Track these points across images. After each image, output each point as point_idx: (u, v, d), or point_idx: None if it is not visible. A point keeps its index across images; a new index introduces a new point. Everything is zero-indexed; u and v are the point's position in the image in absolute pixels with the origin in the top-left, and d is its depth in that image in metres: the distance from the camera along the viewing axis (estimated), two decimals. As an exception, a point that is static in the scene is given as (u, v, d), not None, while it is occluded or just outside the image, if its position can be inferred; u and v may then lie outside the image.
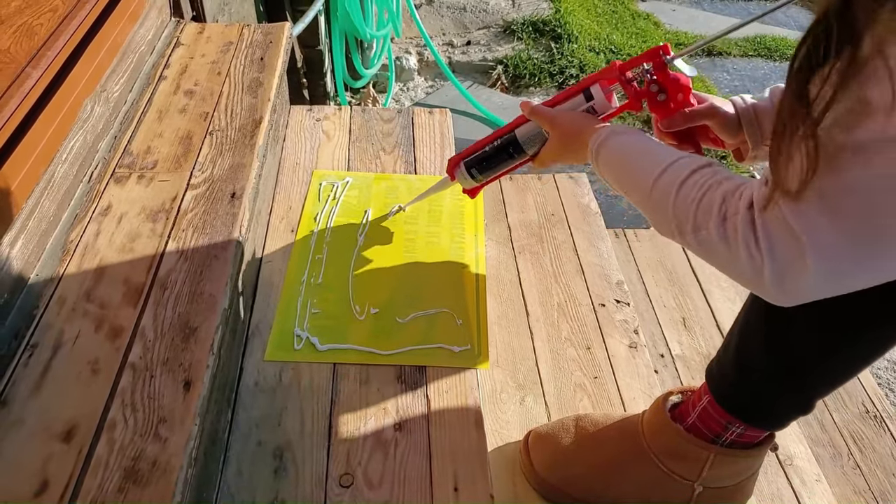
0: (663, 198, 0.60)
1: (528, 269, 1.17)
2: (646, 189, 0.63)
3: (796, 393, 0.71)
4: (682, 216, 0.58)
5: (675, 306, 1.30)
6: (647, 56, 0.75)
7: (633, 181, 0.66)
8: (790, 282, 0.50)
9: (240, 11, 1.52)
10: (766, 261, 0.50)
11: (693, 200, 0.57)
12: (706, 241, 0.56)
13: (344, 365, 0.87)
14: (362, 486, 0.75)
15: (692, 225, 0.57)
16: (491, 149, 0.90)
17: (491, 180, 0.95)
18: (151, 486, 0.58)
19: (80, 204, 0.83)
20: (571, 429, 0.89)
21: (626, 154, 0.68)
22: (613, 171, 0.70)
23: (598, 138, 0.72)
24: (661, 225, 0.62)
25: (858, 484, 1.07)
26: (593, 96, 0.79)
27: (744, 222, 0.52)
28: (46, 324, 0.70)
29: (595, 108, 0.79)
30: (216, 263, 0.77)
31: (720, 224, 0.54)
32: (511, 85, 2.49)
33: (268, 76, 1.05)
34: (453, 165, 0.95)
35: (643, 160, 0.66)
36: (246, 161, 0.90)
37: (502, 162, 0.90)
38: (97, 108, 0.89)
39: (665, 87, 0.75)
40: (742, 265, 0.52)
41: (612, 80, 0.78)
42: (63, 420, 0.62)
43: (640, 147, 0.68)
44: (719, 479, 0.79)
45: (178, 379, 0.66)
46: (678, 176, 0.60)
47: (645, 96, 0.76)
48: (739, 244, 0.52)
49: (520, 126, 0.86)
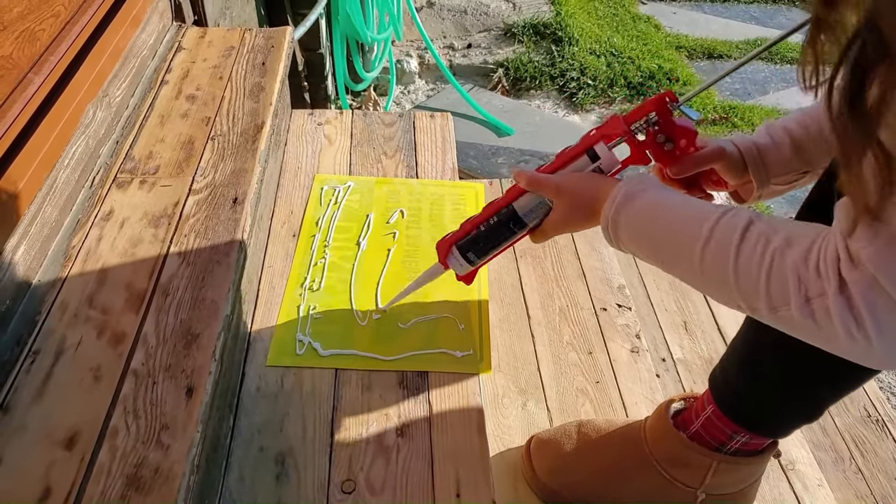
0: (720, 274, 0.53)
1: (529, 274, 1.17)
2: (693, 263, 0.55)
3: (803, 401, 0.71)
4: (751, 295, 0.51)
5: (676, 310, 1.30)
6: (651, 105, 0.69)
7: (671, 254, 0.58)
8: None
9: (241, 15, 1.52)
10: (873, 339, 0.45)
11: (760, 277, 0.50)
12: (789, 320, 0.49)
13: (346, 370, 0.87)
14: (364, 491, 0.75)
15: (767, 304, 0.50)
16: (487, 227, 0.78)
17: (488, 260, 0.82)
18: (154, 493, 0.58)
19: (82, 209, 0.83)
20: (574, 434, 0.89)
21: (653, 219, 0.60)
22: (642, 244, 0.61)
23: (613, 202, 0.63)
24: (725, 301, 0.55)
25: (860, 488, 1.07)
26: (599, 156, 0.71)
27: (838, 304, 0.46)
28: (48, 330, 0.70)
29: (602, 169, 0.72)
30: (218, 269, 0.77)
31: (804, 305, 0.48)
32: (512, 88, 2.49)
33: (269, 81, 1.06)
34: (445, 250, 0.81)
35: (677, 226, 0.57)
36: (248, 166, 0.90)
37: (502, 240, 0.78)
38: (99, 113, 0.89)
39: (672, 135, 0.70)
40: (842, 343, 0.47)
41: (615, 135, 0.71)
42: (65, 427, 0.62)
43: (667, 208, 0.59)
44: (722, 486, 0.79)
45: (180, 385, 0.66)
46: (729, 244, 0.52)
47: (650, 147, 0.71)
48: (837, 326, 0.46)
49: (518, 198, 0.75)
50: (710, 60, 2.72)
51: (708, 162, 0.72)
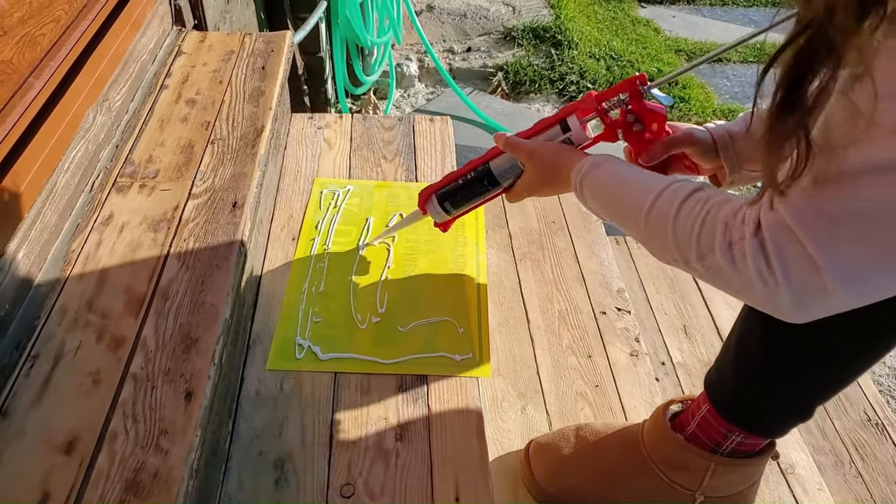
0: (661, 227, 0.59)
1: (528, 277, 1.17)
2: (639, 220, 0.61)
3: (795, 399, 0.71)
4: (685, 245, 0.56)
5: (675, 314, 1.30)
6: (623, 86, 0.74)
7: (624, 212, 0.64)
8: (807, 300, 0.49)
9: (241, 19, 1.52)
10: (780, 283, 0.49)
11: (693, 228, 0.55)
12: (714, 267, 0.54)
13: (345, 374, 0.87)
14: (363, 496, 0.75)
15: (696, 253, 0.55)
16: (464, 181, 0.87)
17: (463, 213, 0.92)
18: (153, 497, 0.58)
19: (81, 213, 0.83)
20: (572, 438, 0.89)
21: (613, 184, 0.67)
22: (601, 203, 0.68)
23: (580, 170, 0.70)
24: (662, 254, 0.60)
25: (860, 492, 1.07)
26: (570, 127, 0.78)
27: (752, 246, 0.50)
28: (48, 334, 0.70)
29: (572, 140, 0.78)
30: (218, 273, 0.77)
31: (726, 250, 0.52)
32: (511, 91, 2.49)
33: (269, 85, 1.06)
34: (425, 198, 0.91)
35: (632, 189, 0.64)
36: (247, 170, 0.90)
37: (476, 195, 0.87)
38: (99, 117, 0.90)
39: (641, 117, 0.75)
40: (756, 289, 0.51)
41: (588, 111, 0.77)
42: (64, 431, 0.62)
43: (627, 175, 0.66)
44: (720, 488, 0.79)
45: (179, 390, 0.66)
46: (672, 202, 0.58)
47: (620, 126, 0.76)
48: (750, 269, 0.50)
49: (494, 158, 0.84)
50: (710, 64, 2.73)
51: (677, 146, 0.76)
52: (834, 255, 0.46)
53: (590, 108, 0.76)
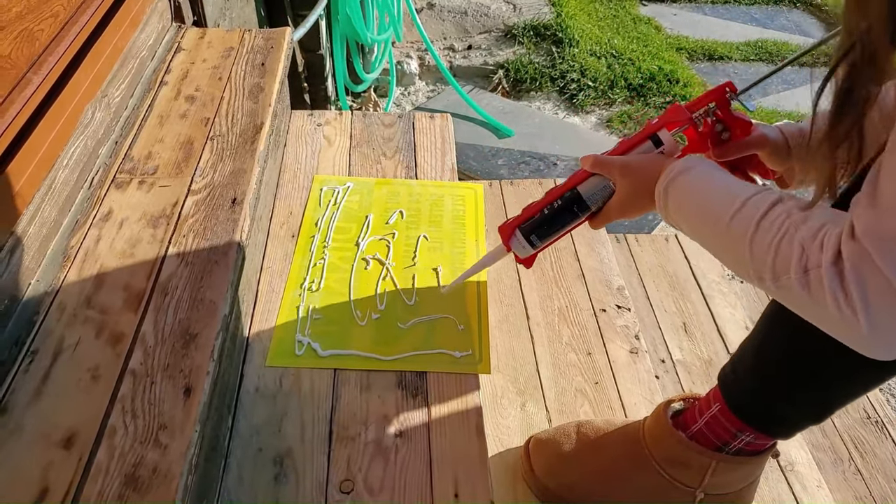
0: (740, 240, 0.56)
1: (528, 274, 1.17)
2: (721, 230, 0.59)
3: (814, 403, 0.71)
4: (760, 262, 0.54)
5: (675, 311, 1.30)
6: (712, 95, 0.73)
7: (705, 221, 0.61)
8: (890, 333, 0.47)
9: (241, 16, 1.52)
10: (860, 314, 0.47)
11: (771, 245, 0.53)
12: (789, 289, 0.52)
13: (344, 371, 0.87)
14: (363, 492, 0.75)
15: (771, 273, 0.53)
16: (551, 210, 0.80)
17: (550, 244, 0.85)
18: (152, 492, 0.58)
19: (80, 209, 0.83)
20: (573, 435, 0.88)
21: (697, 191, 0.63)
22: (684, 212, 0.64)
23: (668, 175, 0.66)
24: (739, 269, 0.58)
25: (859, 489, 1.07)
26: (662, 142, 0.74)
27: (829, 275, 0.48)
28: (47, 330, 0.70)
29: (664, 153, 0.75)
30: (217, 269, 0.77)
31: (802, 275, 0.50)
32: (512, 89, 2.49)
33: (269, 81, 1.06)
34: (509, 234, 0.84)
35: (716, 196, 0.61)
36: (247, 166, 0.90)
37: (565, 223, 0.81)
38: (98, 113, 0.89)
39: (729, 125, 0.74)
40: (832, 319, 0.49)
41: (678, 123, 0.74)
42: (63, 427, 0.62)
43: (712, 182, 0.63)
44: (721, 486, 0.79)
45: (178, 385, 0.66)
46: (754, 215, 0.55)
47: (709, 136, 0.74)
48: (827, 297, 0.48)
49: (581, 182, 0.78)
50: (711, 62, 2.72)
51: (749, 148, 0.75)
52: None
53: (680, 119, 0.74)
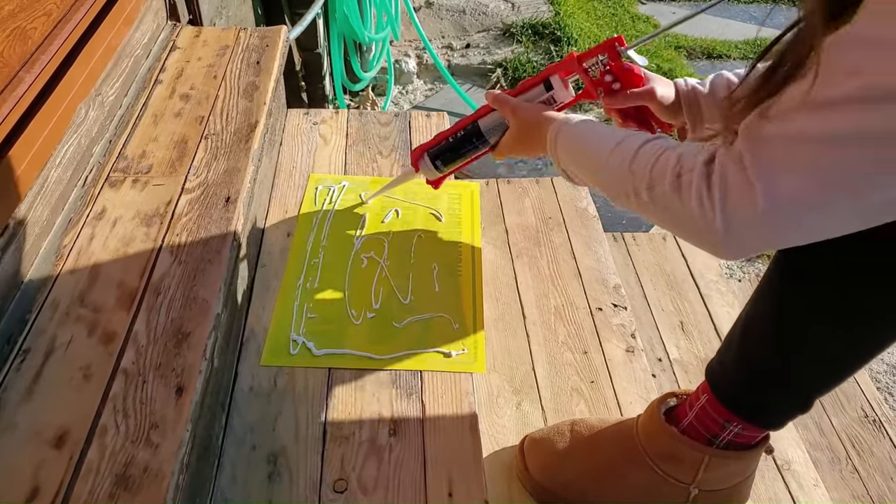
0: (620, 164, 0.62)
1: (525, 273, 1.17)
2: (601, 161, 0.65)
3: (798, 390, 0.71)
4: (639, 177, 0.59)
5: (673, 310, 1.30)
6: (602, 47, 0.79)
7: (589, 157, 0.69)
8: (739, 224, 0.51)
9: (238, 15, 1.52)
10: (716, 205, 0.51)
11: (648, 161, 0.59)
12: (660, 196, 0.57)
13: (339, 370, 0.87)
14: (356, 491, 0.75)
15: (647, 183, 0.58)
16: (454, 139, 0.92)
17: (454, 170, 0.98)
18: (142, 492, 0.58)
19: (74, 208, 0.83)
20: (567, 433, 0.88)
21: (584, 135, 0.71)
22: (571, 153, 0.72)
23: (557, 126, 0.75)
24: (616, 189, 0.63)
25: (857, 489, 1.07)
26: (553, 86, 0.82)
27: (699, 175, 0.53)
28: (39, 329, 0.70)
29: (555, 98, 0.83)
30: (210, 268, 0.76)
31: (674, 179, 0.55)
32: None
33: (264, 80, 1.05)
34: (417, 156, 0.97)
35: (600, 138, 0.68)
36: (241, 165, 0.90)
37: (466, 152, 0.93)
38: (92, 112, 0.89)
39: (619, 76, 0.80)
40: (693, 217, 0.53)
41: (570, 71, 0.82)
42: (55, 426, 0.62)
43: (598, 128, 0.71)
44: (715, 481, 0.79)
45: (170, 384, 0.65)
46: (634, 144, 0.62)
47: (600, 85, 0.82)
48: (692, 195, 0.53)
49: (483, 116, 0.89)
50: (710, 60, 2.72)
51: (636, 99, 0.82)
52: (765, 174, 0.48)
53: (572, 68, 0.81)
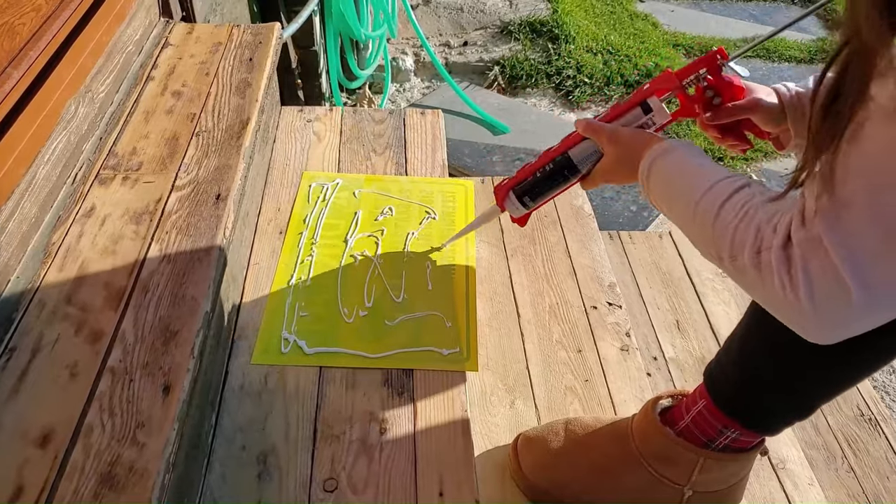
0: (705, 220, 0.59)
1: (519, 271, 1.16)
2: (689, 211, 0.62)
3: (799, 399, 0.70)
4: (720, 242, 0.56)
5: (668, 308, 1.29)
6: (703, 62, 0.74)
7: (678, 202, 0.64)
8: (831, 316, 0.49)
9: (232, 12, 1.51)
10: (804, 300, 0.49)
11: (730, 226, 0.56)
12: (741, 269, 0.54)
13: (330, 369, 0.86)
14: (346, 490, 0.74)
15: (729, 252, 0.56)
16: (543, 173, 0.85)
17: (541, 205, 0.91)
18: (127, 491, 0.57)
19: (63, 205, 0.82)
20: (561, 432, 0.88)
21: (674, 174, 0.66)
22: (661, 193, 0.68)
23: (650, 157, 0.69)
24: (702, 247, 0.61)
25: (852, 487, 1.06)
26: (652, 108, 0.77)
27: (778, 259, 0.50)
28: (25, 327, 0.69)
29: (654, 121, 0.77)
30: (199, 266, 0.76)
31: (754, 255, 0.53)
32: (508, 86, 2.48)
33: (256, 77, 1.05)
34: (503, 195, 0.91)
35: (689, 179, 0.64)
36: (232, 162, 0.89)
37: (556, 185, 0.86)
38: (82, 108, 0.88)
39: (720, 91, 0.75)
40: (779, 301, 0.51)
41: (668, 89, 0.76)
42: (40, 425, 0.61)
43: (688, 166, 0.65)
44: (709, 483, 0.78)
45: (157, 383, 0.65)
46: (718, 198, 0.58)
47: (699, 102, 0.76)
48: (774, 279, 0.51)
49: (573, 146, 0.82)
50: (708, 58, 2.71)
51: (740, 113, 0.76)
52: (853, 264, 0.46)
53: (669, 86, 0.76)
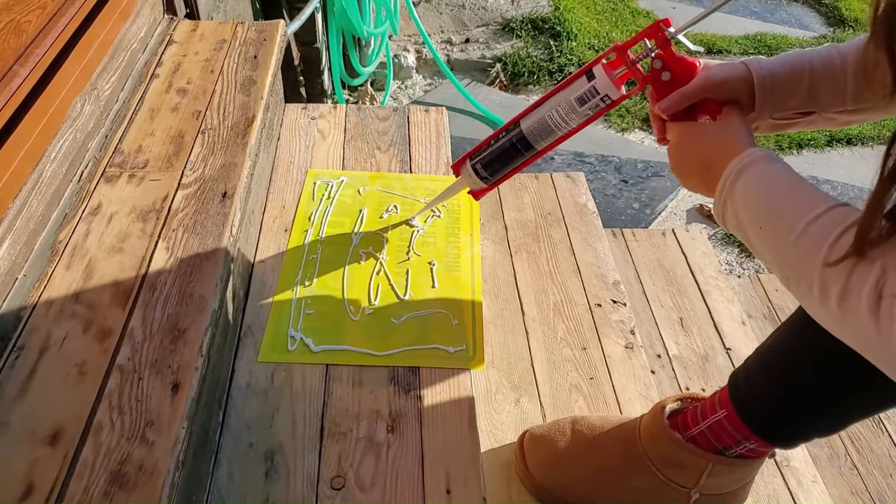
0: (811, 251, 0.52)
1: (524, 269, 1.16)
2: (789, 235, 0.54)
3: (831, 421, 0.70)
4: (832, 276, 0.50)
5: (672, 306, 1.29)
6: (647, 32, 0.69)
7: (775, 222, 0.56)
8: None
9: (235, 9, 1.51)
10: None
11: (848, 261, 0.49)
12: (853, 311, 0.48)
13: (337, 366, 0.86)
14: (354, 488, 0.74)
15: (840, 289, 0.49)
16: (495, 144, 0.81)
17: (500, 181, 0.86)
18: (138, 489, 0.57)
19: (69, 204, 0.82)
20: (567, 432, 0.88)
21: (773, 186, 0.58)
22: (752, 204, 0.59)
23: (740, 162, 0.61)
24: (798, 279, 0.54)
25: (856, 485, 1.06)
26: (595, 76, 0.73)
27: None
28: (33, 326, 0.69)
29: (597, 89, 0.73)
30: (206, 264, 0.76)
31: (874, 300, 0.47)
32: (510, 83, 2.48)
33: (261, 74, 1.05)
34: (460, 163, 0.87)
35: (793, 198, 0.56)
36: (238, 160, 0.89)
37: (511, 159, 0.81)
38: (87, 106, 0.88)
39: (670, 66, 0.70)
40: (891, 354, 0.46)
41: (616, 62, 0.72)
42: (49, 423, 0.61)
43: (790, 181, 0.58)
44: (716, 486, 0.78)
45: (166, 381, 0.65)
46: (834, 227, 0.51)
47: (650, 78, 0.71)
48: (894, 330, 0.45)
49: (525, 117, 0.78)
50: (710, 55, 2.71)
51: (695, 96, 0.69)
52: None
53: (618, 56, 0.71)
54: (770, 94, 0.68)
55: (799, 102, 0.69)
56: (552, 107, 0.77)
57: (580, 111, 0.76)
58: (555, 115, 0.77)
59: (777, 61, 0.68)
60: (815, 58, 0.67)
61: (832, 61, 0.67)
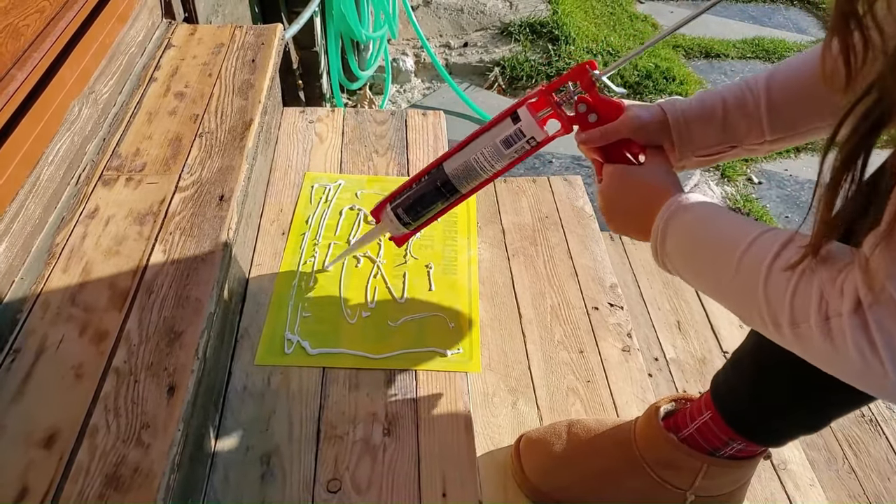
0: (750, 284, 0.53)
1: (521, 272, 1.16)
2: (726, 273, 0.55)
3: (811, 415, 0.70)
4: (777, 307, 0.50)
5: (669, 309, 1.29)
6: (572, 74, 0.70)
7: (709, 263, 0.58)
8: None
9: (234, 13, 1.51)
10: (888, 366, 0.45)
11: (787, 290, 0.50)
12: (806, 337, 0.49)
13: (333, 369, 0.86)
14: (350, 491, 0.74)
15: (789, 318, 0.50)
16: (417, 188, 0.79)
17: (423, 226, 0.83)
18: (133, 492, 0.57)
19: (66, 207, 0.82)
20: (564, 435, 0.88)
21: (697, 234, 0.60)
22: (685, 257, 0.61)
23: (669, 209, 0.62)
24: (746, 313, 0.55)
25: (853, 488, 1.06)
26: (520, 118, 0.73)
27: (852, 327, 0.45)
28: (30, 328, 0.69)
29: (523, 132, 0.74)
30: (203, 267, 0.76)
31: (823, 322, 0.47)
32: (508, 87, 2.48)
33: (259, 78, 1.05)
34: (380, 209, 0.83)
35: (723, 234, 0.57)
36: (235, 163, 0.89)
37: (433, 203, 0.79)
38: (85, 109, 0.89)
39: (596, 108, 0.71)
40: (856, 370, 0.47)
41: (540, 104, 0.73)
42: (45, 426, 0.61)
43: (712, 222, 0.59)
44: (712, 487, 0.78)
45: (162, 384, 0.65)
46: (764, 256, 0.52)
47: (577, 121, 0.72)
48: (849, 347, 0.46)
49: (448, 159, 0.77)
50: (708, 59, 2.71)
51: (616, 134, 0.71)
52: None
53: (541, 98, 0.72)
54: (686, 134, 0.70)
55: (717, 139, 0.71)
56: (477, 149, 0.77)
57: (506, 153, 0.76)
58: (480, 158, 0.76)
59: (691, 102, 0.71)
60: (728, 95, 0.69)
61: (744, 97, 0.69)
